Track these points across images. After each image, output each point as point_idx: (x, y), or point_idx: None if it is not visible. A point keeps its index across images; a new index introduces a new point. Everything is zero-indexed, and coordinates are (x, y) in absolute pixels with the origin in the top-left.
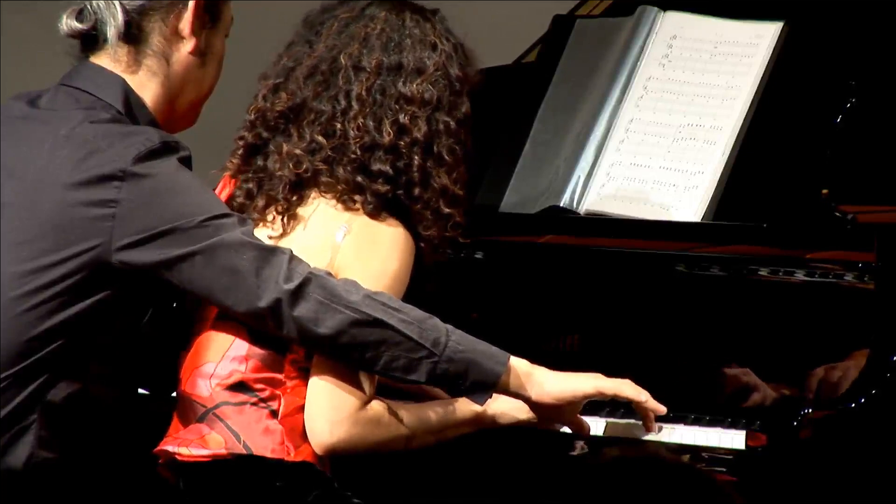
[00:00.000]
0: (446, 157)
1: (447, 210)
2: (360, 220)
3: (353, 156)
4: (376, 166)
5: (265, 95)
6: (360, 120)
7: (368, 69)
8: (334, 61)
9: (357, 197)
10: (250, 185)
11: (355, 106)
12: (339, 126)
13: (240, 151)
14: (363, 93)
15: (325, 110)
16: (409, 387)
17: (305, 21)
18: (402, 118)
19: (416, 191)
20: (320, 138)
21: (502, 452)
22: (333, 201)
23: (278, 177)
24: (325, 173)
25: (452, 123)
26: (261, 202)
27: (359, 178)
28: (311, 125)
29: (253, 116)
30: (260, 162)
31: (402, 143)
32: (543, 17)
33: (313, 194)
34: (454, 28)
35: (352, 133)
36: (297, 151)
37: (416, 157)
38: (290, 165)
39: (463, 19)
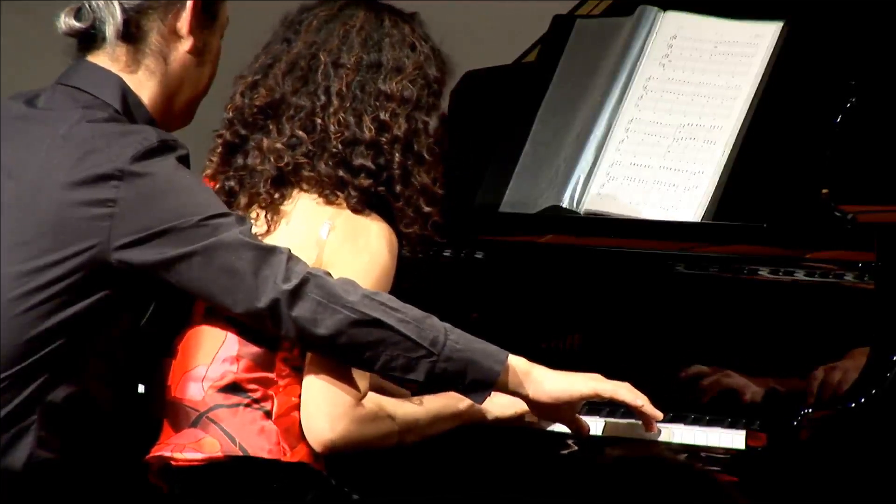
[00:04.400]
0: (426, 156)
1: (427, 209)
2: (344, 216)
3: (334, 150)
4: (358, 161)
5: (243, 92)
6: (341, 115)
7: (348, 66)
8: (313, 58)
9: (340, 192)
10: (232, 184)
11: (335, 102)
12: (319, 121)
13: (219, 150)
14: (343, 88)
15: (304, 105)
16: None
17: (283, 20)
18: (383, 115)
19: (398, 188)
20: (300, 133)
21: (500, 451)
22: (316, 196)
23: (259, 171)
24: (307, 168)
25: (431, 123)
26: (243, 200)
27: (341, 173)
28: (291, 120)
29: (231, 114)
30: (240, 160)
31: (384, 139)
32: (543, 17)
33: (295, 191)
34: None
35: (332, 128)
36: (278, 146)
37: (396, 154)
38: (272, 159)
39: (463, 19)
